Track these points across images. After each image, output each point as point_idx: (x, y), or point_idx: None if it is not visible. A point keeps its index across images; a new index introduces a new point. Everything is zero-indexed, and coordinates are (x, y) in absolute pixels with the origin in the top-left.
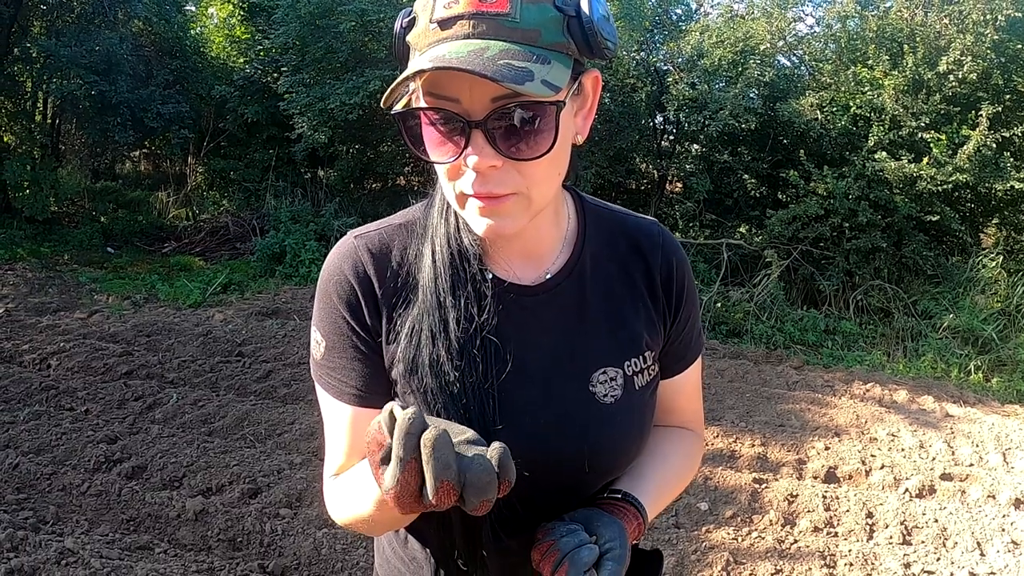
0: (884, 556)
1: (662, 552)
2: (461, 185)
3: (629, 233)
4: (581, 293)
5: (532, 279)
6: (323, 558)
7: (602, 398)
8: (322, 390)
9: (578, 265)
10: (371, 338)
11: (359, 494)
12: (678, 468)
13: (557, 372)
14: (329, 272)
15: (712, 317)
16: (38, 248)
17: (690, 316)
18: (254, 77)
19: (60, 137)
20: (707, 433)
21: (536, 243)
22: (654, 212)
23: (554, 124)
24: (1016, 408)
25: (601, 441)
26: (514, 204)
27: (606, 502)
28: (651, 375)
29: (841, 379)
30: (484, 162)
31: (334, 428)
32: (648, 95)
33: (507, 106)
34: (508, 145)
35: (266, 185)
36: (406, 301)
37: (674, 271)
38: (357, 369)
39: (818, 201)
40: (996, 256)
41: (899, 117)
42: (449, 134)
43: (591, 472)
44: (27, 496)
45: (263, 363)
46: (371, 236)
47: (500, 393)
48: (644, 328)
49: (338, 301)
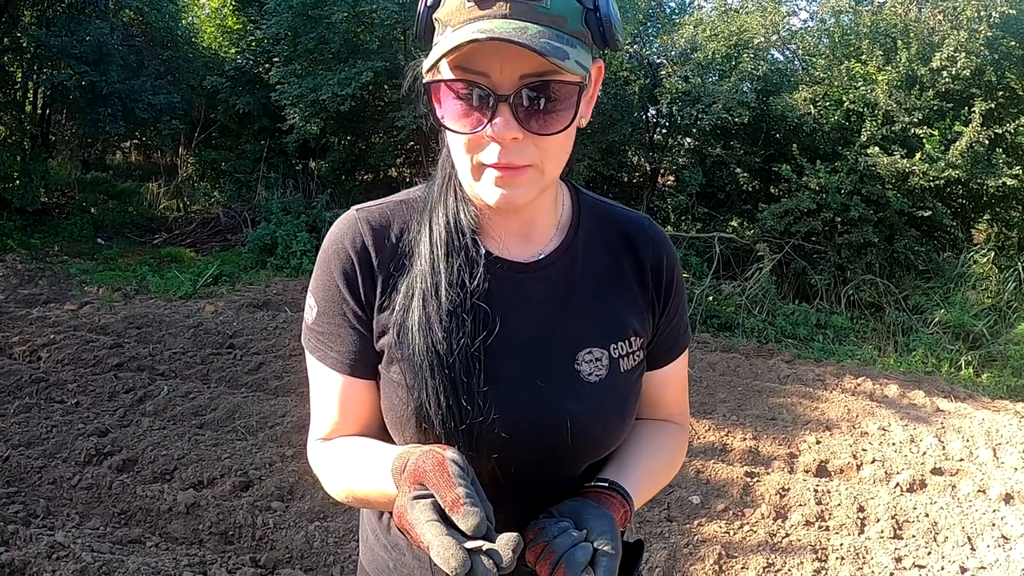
0: (875, 550)
1: (643, 542)
2: (480, 156)
3: (621, 225)
4: (571, 275)
5: (525, 258)
6: (315, 551)
7: (587, 376)
8: (311, 355)
9: (570, 249)
10: (363, 312)
11: (364, 477)
12: (664, 460)
13: (543, 346)
14: (329, 243)
15: (704, 310)
16: (28, 239)
17: (678, 309)
18: (246, 68)
19: (50, 127)
20: (699, 426)
21: (533, 224)
22: (646, 205)
23: (575, 103)
24: (1006, 403)
25: (584, 414)
26: (529, 176)
27: (593, 491)
28: (637, 360)
29: (832, 373)
30: (508, 134)
31: (321, 394)
32: (641, 88)
33: (534, 83)
34: (530, 120)
35: (257, 176)
36: (401, 270)
37: (664, 264)
38: (345, 337)
39: (810, 195)
40: (987, 252)
41: (892, 112)
42: (475, 107)
43: (573, 444)
44: (17, 490)
45: (254, 355)
46: (372, 211)
47: (486, 359)
48: (632, 315)
49: (335, 271)
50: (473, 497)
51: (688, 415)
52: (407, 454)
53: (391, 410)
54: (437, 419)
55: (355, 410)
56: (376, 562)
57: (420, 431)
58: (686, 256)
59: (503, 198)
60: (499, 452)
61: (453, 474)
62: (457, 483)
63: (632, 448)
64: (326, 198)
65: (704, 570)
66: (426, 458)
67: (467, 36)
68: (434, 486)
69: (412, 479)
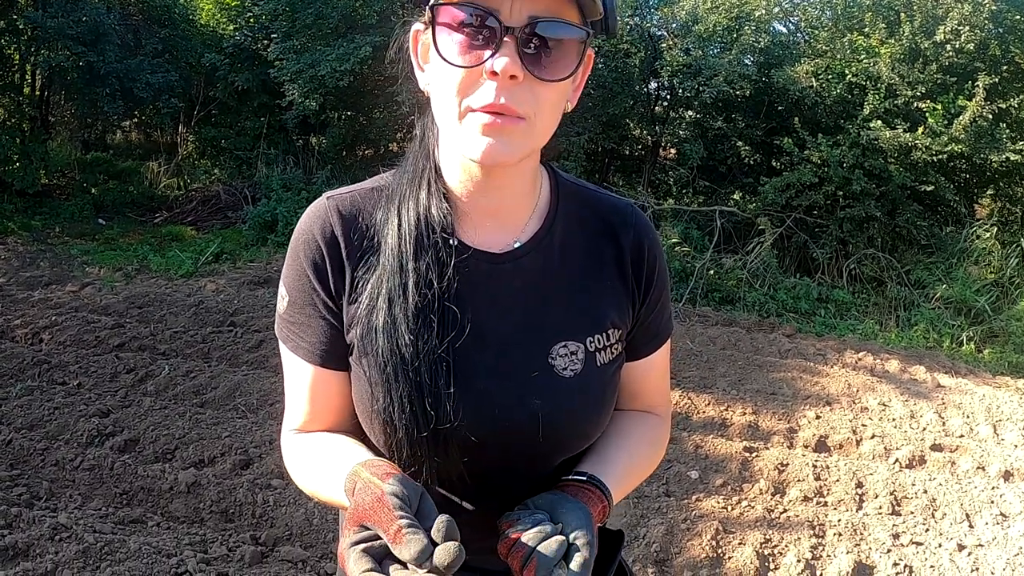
0: (873, 526)
1: (623, 533)
2: (471, 100)
3: (602, 212)
4: (547, 265)
5: (500, 247)
6: (314, 528)
7: (561, 371)
8: (283, 345)
9: (547, 237)
10: (332, 301)
11: (327, 485)
12: (644, 453)
13: (516, 341)
14: (299, 231)
15: (705, 284)
16: (29, 221)
17: (660, 299)
18: (244, 44)
19: (49, 109)
20: (698, 401)
21: (510, 208)
22: (647, 178)
23: (578, 54)
24: (1007, 380)
25: (556, 412)
26: (521, 129)
27: (570, 484)
28: (615, 353)
29: (833, 348)
30: (510, 68)
31: (294, 384)
32: (642, 61)
33: (545, 21)
34: (533, 62)
35: (257, 153)
36: (370, 263)
37: (645, 253)
38: (316, 327)
39: (812, 169)
40: (990, 227)
41: (895, 86)
42: (478, 40)
43: (545, 442)
44: (20, 472)
45: (255, 332)
46: (343, 198)
47: (456, 357)
48: (611, 306)
49: (304, 260)
50: (415, 526)
51: (670, 405)
52: (355, 478)
53: (360, 403)
54: (401, 424)
55: (327, 401)
56: None
57: (385, 433)
58: (687, 229)
59: (490, 149)
60: (469, 455)
61: (393, 507)
62: (397, 516)
63: (612, 441)
64: (327, 174)
65: (701, 545)
66: (364, 495)
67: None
68: (376, 522)
69: (353, 520)
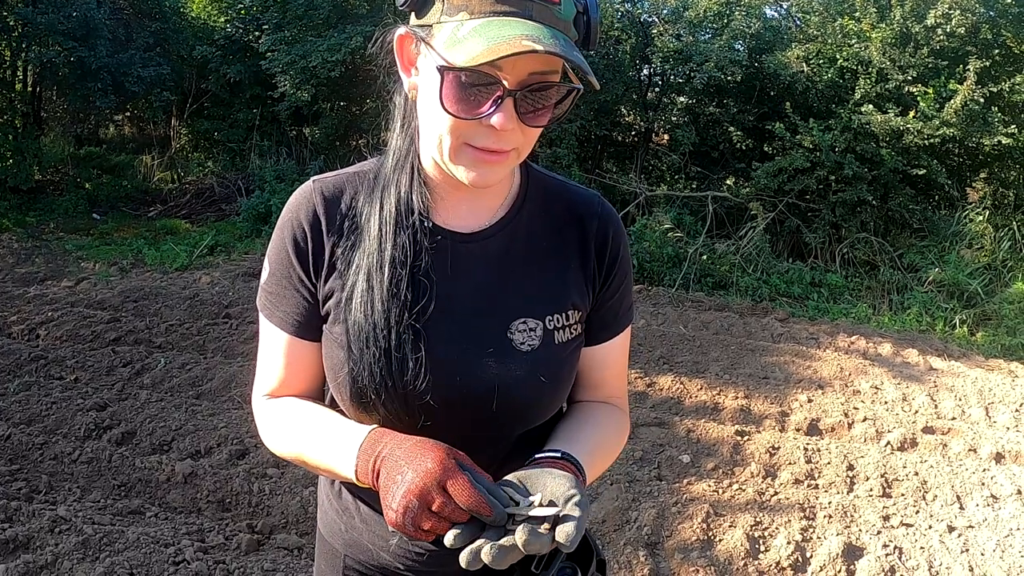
0: (864, 508)
1: (606, 562)
2: (467, 137)
3: (569, 201)
4: (512, 247)
5: (470, 229)
6: (310, 516)
7: (519, 345)
8: (261, 313)
9: (513, 222)
10: (309, 280)
11: (317, 450)
12: (611, 439)
13: (477, 314)
14: (285, 212)
15: (698, 269)
16: (23, 218)
17: (621, 286)
18: (235, 36)
19: (41, 105)
20: (691, 385)
21: (483, 197)
22: (640, 164)
23: (570, 102)
24: (1000, 362)
25: (511, 383)
26: (510, 159)
27: (545, 460)
28: (573, 334)
29: (826, 332)
30: (509, 124)
31: (268, 351)
32: (633, 47)
33: (541, 84)
34: (527, 113)
35: (250, 145)
36: (350, 242)
37: (609, 240)
38: (291, 299)
39: (804, 154)
40: (983, 211)
41: (886, 70)
42: (481, 94)
43: (500, 411)
44: (20, 467)
45: (250, 324)
46: (327, 182)
47: (424, 327)
48: (572, 288)
49: (288, 240)
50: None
51: (626, 401)
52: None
53: (331, 369)
54: (370, 386)
55: (298, 369)
56: (330, 525)
57: (353, 395)
58: (680, 215)
59: (479, 178)
60: (432, 419)
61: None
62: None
63: (578, 424)
64: (320, 164)
65: (692, 528)
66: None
67: (518, 45)
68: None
69: (416, 493)
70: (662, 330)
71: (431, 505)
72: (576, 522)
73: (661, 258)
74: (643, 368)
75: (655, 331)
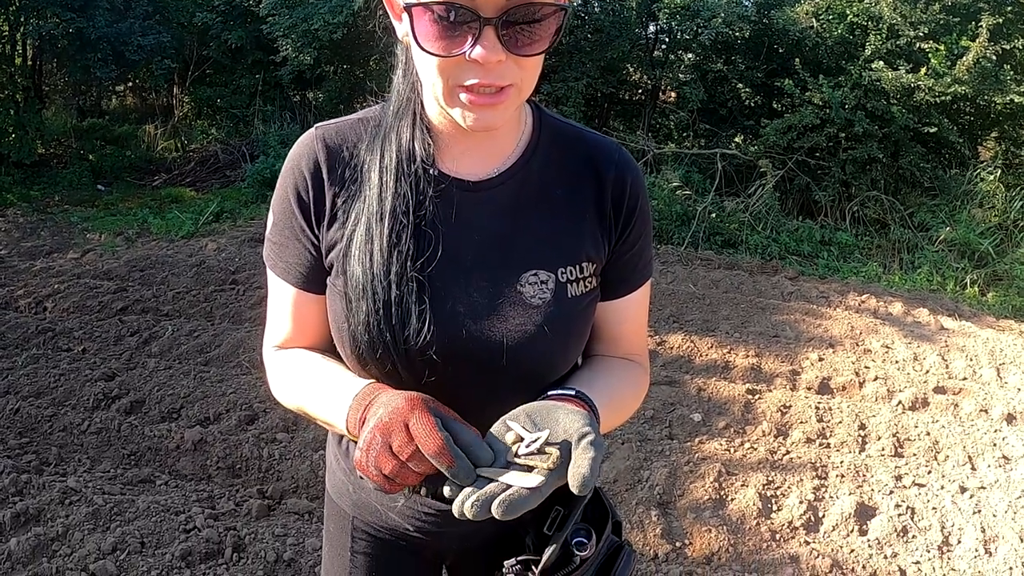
0: (875, 468)
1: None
2: (456, 78)
3: (585, 148)
4: (523, 195)
5: (478, 177)
6: (320, 480)
7: (529, 298)
8: (267, 264)
9: (523, 170)
10: (309, 229)
11: (317, 402)
12: (625, 392)
13: (486, 266)
14: (288, 161)
15: (707, 227)
16: (28, 192)
17: (639, 238)
18: (235, 1)
19: (42, 78)
20: (701, 344)
21: (492, 143)
22: (647, 123)
23: (557, 22)
24: (1011, 323)
25: (520, 337)
26: (509, 97)
27: (558, 396)
28: (587, 287)
29: (836, 290)
30: (492, 56)
31: (275, 302)
32: (639, 3)
33: (520, 5)
34: (513, 41)
35: (254, 111)
36: (352, 190)
37: (627, 189)
38: (294, 249)
39: (814, 111)
40: (994, 169)
41: (897, 26)
42: (457, 29)
43: (509, 367)
44: (29, 440)
45: (257, 289)
46: (330, 129)
47: (429, 279)
48: (584, 240)
49: (290, 190)
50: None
51: (647, 358)
52: (364, 401)
53: (334, 320)
54: (370, 339)
55: (305, 322)
56: (338, 486)
57: (354, 349)
58: (688, 173)
59: (479, 121)
60: (436, 375)
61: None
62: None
63: (593, 374)
64: None
65: (704, 487)
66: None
67: None
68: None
69: (382, 429)
70: (671, 288)
71: (392, 444)
72: (590, 464)
73: (670, 216)
74: (653, 326)
75: (664, 289)
